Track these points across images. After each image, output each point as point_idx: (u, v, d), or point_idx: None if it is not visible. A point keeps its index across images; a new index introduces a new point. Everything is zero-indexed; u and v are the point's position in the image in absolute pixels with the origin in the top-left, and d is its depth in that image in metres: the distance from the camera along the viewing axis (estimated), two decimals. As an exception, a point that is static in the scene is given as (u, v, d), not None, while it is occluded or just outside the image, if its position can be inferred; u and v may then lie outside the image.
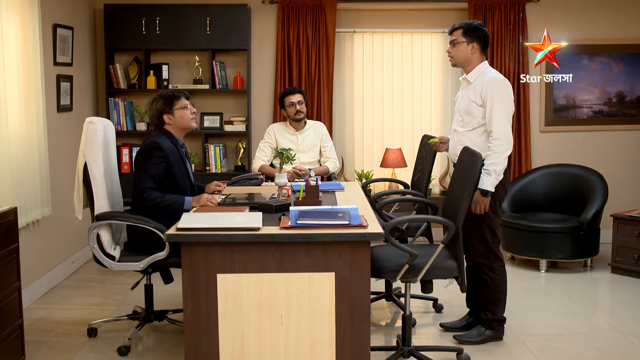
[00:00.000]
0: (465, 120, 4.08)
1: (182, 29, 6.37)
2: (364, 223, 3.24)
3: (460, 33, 4.06)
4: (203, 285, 3.18)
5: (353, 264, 3.17)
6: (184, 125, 4.15)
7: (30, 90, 4.85)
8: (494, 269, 4.12)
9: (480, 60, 4.08)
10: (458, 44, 4.07)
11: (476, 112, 4.01)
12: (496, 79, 3.98)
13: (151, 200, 3.90)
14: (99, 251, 3.94)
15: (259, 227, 3.20)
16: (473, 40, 4.04)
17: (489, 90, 3.94)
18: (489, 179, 3.88)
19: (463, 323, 4.39)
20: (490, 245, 4.09)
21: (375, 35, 6.84)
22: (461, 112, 4.13)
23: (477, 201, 3.93)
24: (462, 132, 4.11)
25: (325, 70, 6.62)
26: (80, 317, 4.69)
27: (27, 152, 4.82)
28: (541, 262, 5.89)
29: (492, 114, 3.92)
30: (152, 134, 4.11)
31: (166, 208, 3.92)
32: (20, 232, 4.72)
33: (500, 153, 3.88)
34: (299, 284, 3.17)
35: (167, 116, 4.11)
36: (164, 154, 3.97)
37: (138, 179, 3.94)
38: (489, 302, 4.17)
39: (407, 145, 6.91)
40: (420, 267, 3.47)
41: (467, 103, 4.05)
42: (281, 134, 5.53)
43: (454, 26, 4.12)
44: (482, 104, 3.97)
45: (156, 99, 4.13)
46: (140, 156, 3.99)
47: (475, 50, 4.05)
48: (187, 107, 4.15)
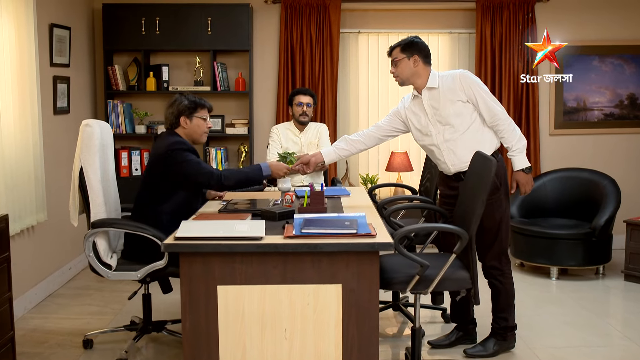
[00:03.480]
0: (456, 123, 3.91)
1: (182, 29, 6.23)
2: (372, 232, 3.08)
3: (399, 50, 3.98)
4: (203, 298, 3.03)
5: (361, 275, 3.01)
6: (195, 135, 4.02)
7: (25, 92, 4.69)
8: (504, 273, 3.99)
9: (427, 71, 3.98)
10: (399, 61, 3.97)
11: (465, 110, 3.90)
12: (464, 72, 3.96)
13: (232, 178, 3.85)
14: (94, 260, 3.78)
15: (262, 237, 3.04)
16: (413, 53, 3.95)
17: (469, 83, 3.89)
18: (522, 157, 3.91)
19: (452, 339, 4.20)
20: (504, 248, 3.97)
21: (381, 36, 6.70)
22: (446, 119, 3.92)
23: (525, 182, 3.94)
24: (458, 137, 3.92)
25: (329, 72, 6.48)
26: (76, 327, 4.53)
27: (22, 155, 4.67)
28: (552, 270, 5.73)
29: (485, 102, 3.88)
30: (165, 136, 3.95)
31: (247, 180, 3.91)
32: (14, 238, 4.61)
33: (514, 129, 3.90)
34: (304, 297, 3.02)
35: (185, 119, 3.97)
36: (191, 149, 3.88)
37: (197, 169, 3.78)
38: (501, 310, 4.03)
39: (413, 148, 6.74)
40: (432, 278, 3.30)
41: (452, 106, 3.90)
42: (285, 134, 5.38)
43: (391, 47, 4.04)
44: (467, 99, 3.89)
45: (181, 98, 4.00)
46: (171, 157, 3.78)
47: (417, 62, 3.95)
48: (206, 120, 4.03)
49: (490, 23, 6.45)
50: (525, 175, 3.92)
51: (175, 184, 3.81)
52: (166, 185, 3.82)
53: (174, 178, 3.80)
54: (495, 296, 4.03)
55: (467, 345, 4.14)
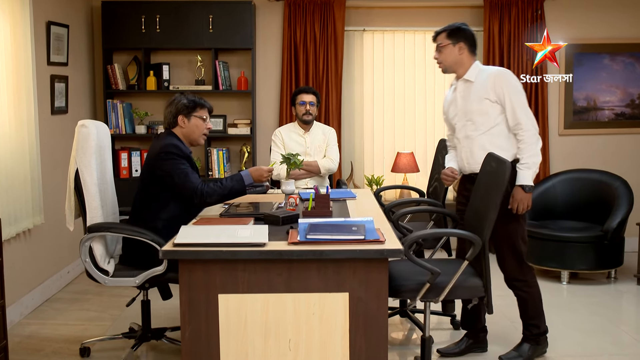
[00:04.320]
0: (478, 122, 3.79)
1: (183, 27, 6.09)
2: (381, 238, 2.94)
3: (445, 36, 3.87)
4: (203, 307, 2.89)
5: (369, 283, 2.88)
6: (193, 135, 3.86)
7: (20, 91, 4.56)
8: (529, 282, 3.85)
9: (472, 60, 3.87)
10: (444, 47, 3.87)
11: (491, 110, 3.75)
12: (503, 71, 3.83)
13: (214, 195, 3.60)
14: (91, 265, 3.64)
15: (265, 243, 2.90)
16: (459, 40, 3.84)
17: (503, 84, 3.72)
18: (528, 173, 3.69)
19: (462, 347, 4.06)
20: (522, 258, 3.82)
21: (386, 34, 6.56)
22: (470, 115, 3.83)
23: (520, 199, 3.69)
24: (477, 136, 3.81)
25: (333, 71, 6.34)
26: (73, 334, 4.39)
27: (17, 156, 4.53)
28: (562, 274, 5.58)
29: (514, 107, 3.71)
30: (162, 137, 3.80)
31: (231, 194, 3.68)
32: (9, 242, 4.48)
33: (535, 144, 3.70)
34: (309, 305, 2.88)
35: (183, 119, 3.81)
36: (184, 155, 3.70)
37: (183, 182, 3.59)
38: (531, 317, 3.90)
39: (419, 149, 6.62)
40: (443, 285, 3.16)
41: (479, 103, 3.78)
42: (288, 136, 5.23)
43: (436, 31, 3.94)
44: (496, 100, 3.74)
45: (180, 97, 3.86)
46: (163, 160, 3.63)
47: (463, 50, 3.85)
48: (205, 120, 3.87)
49: (498, 21, 6.31)
50: (523, 194, 3.67)
51: (167, 188, 3.67)
52: (161, 188, 3.67)
53: (163, 183, 3.65)
54: (522, 305, 3.90)
55: (478, 353, 4.01)
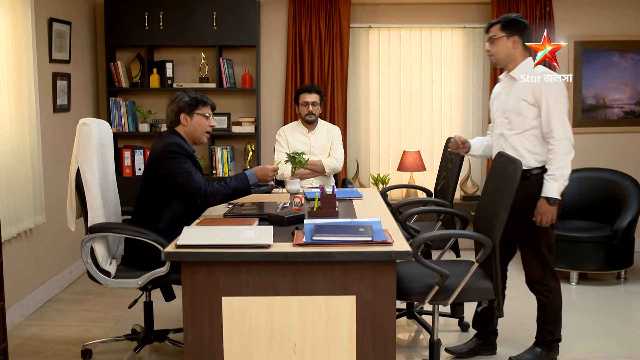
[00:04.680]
0: (514, 122, 3.70)
1: (187, 24, 6.01)
2: (389, 239, 2.86)
3: (499, 28, 3.73)
4: (206, 310, 2.82)
5: (377, 286, 2.80)
6: (196, 133, 3.77)
7: (21, 89, 4.49)
8: (551, 288, 3.75)
9: (524, 56, 3.76)
10: (497, 39, 3.74)
11: (527, 112, 3.65)
12: (549, 74, 3.68)
13: (218, 195, 3.52)
14: (92, 267, 3.56)
15: (270, 244, 2.82)
16: (513, 33, 3.71)
17: (544, 87, 3.61)
18: (554, 185, 3.55)
19: (471, 346, 4.00)
20: (547, 263, 3.73)
21: (392, 31, 6.47)
22: (507, 113, 3.75)
23: (543, 212, 3.58)
24: (510, 136, 3.73)
25: (339, 68, 6.26)
26: (75, 336, 4.33)
27: (18, 155, 4.47)
28: (572, 274, 5.49)
29: (549, 113, 3.58)
30: (165, 135, 3.73)
31: (235, 194, 3.59)
32: (10, 242, 4.42)
33: (565, 155, 3.56)
34: (315, 309, 2.81)
35: (185, 117, 3.74)
36: (188, 154, 3.62)
37: (186, 182, 3.51)
38: (548, 323, 3.80)
39: (426, 147, 6.53)
40: (452, 288, 3.08)
41: (516, 102, 3.69)
42: (292, 135, 5.15)
43: (490, 22, 3.81)
44: (534, 102, 3.63)
45: (182, 95, 3.77)
46: (166, 159, 3.56)
47: (517, 44, 3.73)
48: (208, 118, 3.79)
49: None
50: (548, 206, 3.56)
51: (170, 187, 3.60)
52: (163, 187, 3.60)
53: (165, 182, 3.58)
54: (541, 309, 3.82)
55: (486, 356, 3.94)
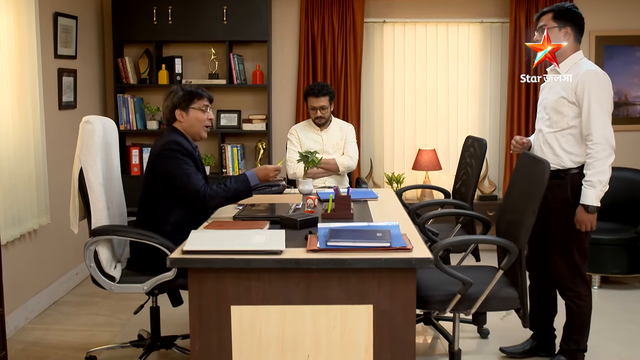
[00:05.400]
0: (553, 119, 3.53)
1: (196, 18, 5.86)
2: (408, 245, 2.69)
3: (551, 17, 3.54)
4: (214, 319, 2.67)
5: (395, 294, 2.64)
6: (194, 129, 3.60)
7: (25, 85, 4.34)
8: (580, 294, 3.57)
9: (575, 49, 3.55)
10: (548, 29, 3.54)
11: (567, 110, 3.47)
12: (594, 71, 3.44)
13: (217, 198, 3.37)
14: (96, 271, 3.41)
15: (282, 250, 2.66)
16: (566, 24, 3.51)
17: (586, 86, 3.39)
18: (593, 192, 3.35)
19: (527, 347, 3.86)
20: (578, 269, 3.54)
21: (407, 26, 6.29)
22: (548, 109, 3.57)
23: (581, 220, 3.40)
24: (548, 133, 3.55)
25: (352, 64, 6.09)
26: (80, 341, 4.19)
27: (22, 154, 4.32)
28: (594, 278, 5.29)
29: (590, 114, 3.38)
30: (165, 134, 3.57)
31: (235, 197, 3.44)
32: (14, 243, 4.29)
33: (605, 159, 3.34)
34: (330, 319, 2.65)
35: (180, 113, 3.57)
36: (188, 152, 3.46)
37: (185, 185, 3.36)
38: (574, 331, 3.62)
39: (442, 145, 6.35)
40: (475, 297, 2.90)
41: (556, 99, 3.50)
42: (305, 134, 4.99)
43: (541, 10, 3.61)
44: (575, 101, 3.43)
45: (175, 90, 3.60)
46: (165, 159, 3.41)
47: (568, 36, 3.52)
48: (205, 111, 3.62)
49: (525, 11, 6.02)
50: (585, 214, 3.38)
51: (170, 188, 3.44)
52: (164, 187, 3.45)
53: (165, 184, 3.43)
54: (569, 316, 3.64)
55: (543, 357, 3.81)
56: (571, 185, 3.44)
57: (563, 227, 3.48)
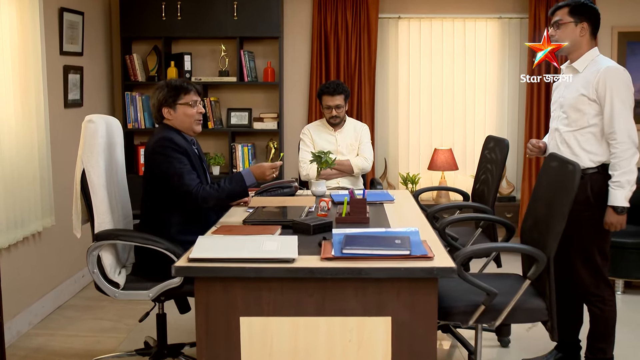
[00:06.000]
0: (572, 117, 3.38)
1: (206, 14, 5.71)
2: (429, 253, 2.52)
3: (566, 12, 3.41)
4: (222, 331, 2.51)
5: (415, 306, 2.47)
6: (184, 126, 3.43)
7: (28, 83, 4.20)
8: (604, 299, 3.40)
9: (591, 46, 3.44)
10: (564, 24, 3.42)
11: (587, 108, 3.32)
12: (614, 68, 3.31)
13: (210, 199, 3.24)
14: (99, 277, 3.26)
15: (294, 258, 2.49)
16: (582, 19, 3.39)
17: (608, 83, 3.25)
18: (622, 193, 3.22)
19: (551, 359, 3.68)
20: (600, 272, 3.38)
21: (423, 22, 6.12)
22: (565, 108, 3.43)
23: (611, 223, 3.27)
24: (565, 132, 3.41)
25: (366, 61, 5.93)
26: (84, 347, 4.05)
27: (25, 154, 4.18)
28: (617, 283, 5.10)
29: (612, 112, 3.24)
30: (158, 130, 3.42)
31: (229, 197, 3.32)
32: (17, 246, 4.17)
33: (630, 158, 3.22)
34: (345, 331, 2.49)
35: (168, 110, 3.40)
36: (182, 149, 3.29)
37: (178, 185, 3.22)
38: (599, 339, 3.45)
39: (458, 145, 6.18)
40: (500, 308, 2.73)
41: (575, 97, 3.36)
42: (318, 134, 4.82)
43: (557, 5, 3.48)
44: (595, 99, 3.29)
45: (161, 86, 3.43)
46: (157, 158, 3.27)
47: (585, 32, 3.40)
48: (194, 105, 3.44)
49: (545, 6, 5.82)
50: (615, 216, 3.24)
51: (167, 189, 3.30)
52: (160, 187, 3.30)
53: (161, 183, 3.29)
54: (593, 323, 3.46)
55: None
56: (591, 186, 3.30)
57: (583, 229, 3.32)
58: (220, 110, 6.05)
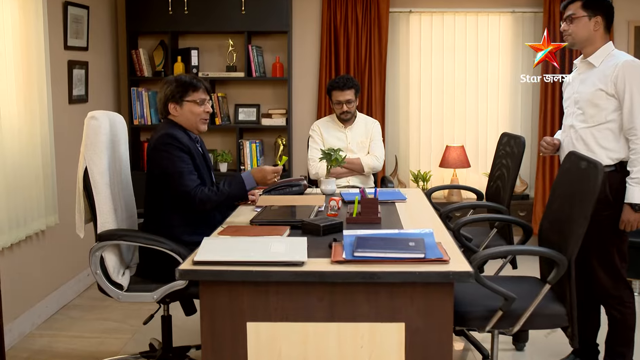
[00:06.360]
0: (588, 113, 3.28)
1: (214, 8, 5.61)
2: (445, 256, 2.40)
3: (579, 6, 3.32)
4: (228, 337, 2.41)
5: (430, 312, 2.36)
6: (189, 123, 3.33)
7: (31, 78, 4.10)
8: (624, 301, 3.29)
9: (605, 40, 3.34)
10: (577, 19, 3.32)
11: (605, 103, 3.22)
12: (633, 61, 3.22)
13: (208, 202, 3.12)
14: (102, 279, 3.17)
15: (304, 261, 2.38)
16: (596, 13, 3.30)
17: (627, 77, 3.15)
18: (638, 190, 3.12)
19: None
20: (619, 273, 3.27)
21: (435, 16, 5.99)
22: (581, 103, 3.33)
23: (627, 220, 3.17)
24: (582, 129, 3.30)
25: (377, 56, 5.82)
26: (87, 349, 3.96)
27: (28, 151, 4.09)
28: (634, 284, 4.95)
29: (632, 107, 3.14)
30: (161, 126, 3.32)
31: (228, 201, 3.22)
32: (19, 245, 4.09)
33: None
34: (357, 338, 2.38)
35: (174, 106, 3.29)
36: (184, 147, 3.19)
37: (176, 186, 3.13)
38: (619, 343, 3.33)
39: (470, 142, 6.06)
40: (518, 313, 2.61)
41: (592, 92, 3.26)
42: (327, 131, 4.70)
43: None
44: (614, 93, 3.19)
45: (169, 81, 3.33)
46: (159, 155, 3.18)
47: (598, 26, 3.31)
48: (202, 104, 3.33)
49: (560, 1, 5.69)
50: (633, 213, 3.13)
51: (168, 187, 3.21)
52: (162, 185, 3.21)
53: (161, 182, 3.19)
54: (612, 327, 3.35)
55: None
56: (609, 184, 3.19)
57: (601, 229, 3.21)
58: (228, 106, 5.95)
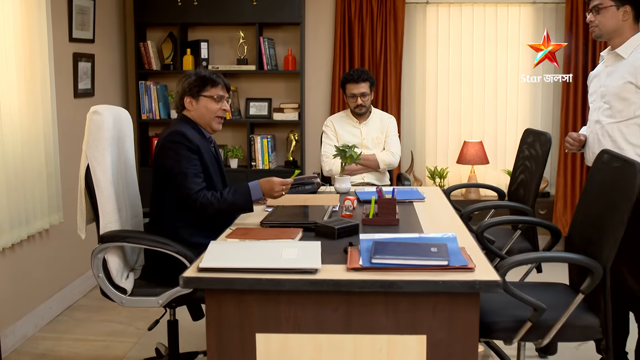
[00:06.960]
0: (616, 107, 3.13)
1: None
2: (470, 264, 2.23)
3: None
4: (236, 349, 2.25)
5: (453, 323, 2.19)
6: (204, 120, 3.17)
7: (34, 72, 3.95)
8: None
9: (634, 30, 3.19)
10: (604, 9, 3.18)
11: (634, 97, 3.08)
12: None
13: (210, 208, 2.95)
14: (105, 282, 3.01)
15: (317, 269, 2.21)
16: (624, 2, 3.15)
17: None
18: None
19: None
20: None
21: (452, 7, 5.80)
22: (608, 97, 3.17)
23: None
24: (608, 124, 3.15)
25: (392, 49, 5.64)
26: (92, 353, 3.82)
27: (31, 147, 3.94)
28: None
29: None
30: (174, 122, 3.17)
31: (231, 210, 3.02)
32: (21, 245, 3.96)
33: None
34: (375, 351, 2.22)
35: (189, 100, 3.14)
36: (194, 146, 3.03)
37: (179, 187, 2.97)
38: None
39: (489, 137, 5.86)
40: (548, 324, 2.42)
41: (620, 85, 3.10)
42: (341, 127, 4.53)
43: None
44: None
45: (189, 74, 3.18)
46: (166, 153, 3.02)
47: (627, 16, 3.17)
48: (219, 100, 3.18)
49: (583, -9, 5.49)
50: None
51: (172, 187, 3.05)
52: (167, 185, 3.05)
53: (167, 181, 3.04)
54: None
55: None
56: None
57: (630, 232, 3.00)
58: (239, 100, 5.79)
